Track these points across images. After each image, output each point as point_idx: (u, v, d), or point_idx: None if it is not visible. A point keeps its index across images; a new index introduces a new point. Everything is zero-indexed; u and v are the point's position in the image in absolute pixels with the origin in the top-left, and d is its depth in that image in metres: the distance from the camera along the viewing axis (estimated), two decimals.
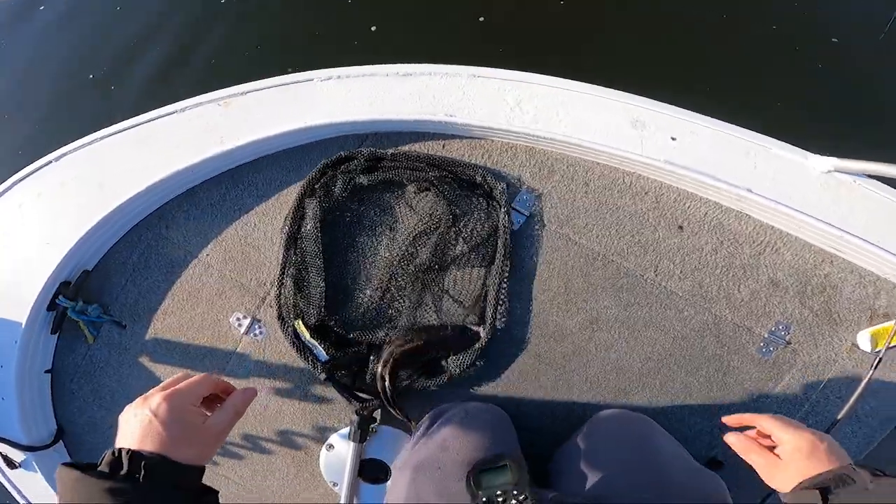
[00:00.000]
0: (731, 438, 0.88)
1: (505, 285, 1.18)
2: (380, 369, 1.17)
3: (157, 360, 1.34)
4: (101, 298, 1.32)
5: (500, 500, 0.85)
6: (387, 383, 1.15)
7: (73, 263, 1.26)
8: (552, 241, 1.19)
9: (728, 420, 0.93)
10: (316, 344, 1.20)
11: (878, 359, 1.02)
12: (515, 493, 0.85)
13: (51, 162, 1.23)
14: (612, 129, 1.10)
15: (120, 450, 0.64)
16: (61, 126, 2.83)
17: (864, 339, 1.11)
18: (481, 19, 2.50)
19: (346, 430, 1.22)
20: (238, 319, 1.29)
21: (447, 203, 1.17)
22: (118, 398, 1.38)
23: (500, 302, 1.19)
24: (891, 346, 1.03)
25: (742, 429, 0.89)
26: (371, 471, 1.25)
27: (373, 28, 2.60)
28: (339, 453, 1.24)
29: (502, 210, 1.16)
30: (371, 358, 1.23)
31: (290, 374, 1.30)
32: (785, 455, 0.79)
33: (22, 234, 1.24)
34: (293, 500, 1.37)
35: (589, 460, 1.00)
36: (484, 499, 0.86)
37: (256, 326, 1.29)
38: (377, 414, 1.23)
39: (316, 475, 1.33)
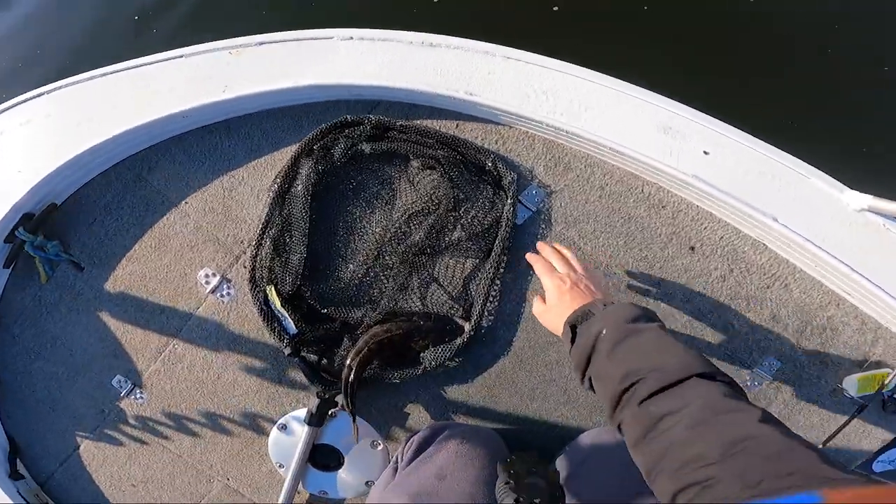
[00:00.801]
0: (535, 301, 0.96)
1: (498, 282, 1.11)
2: (349, 358, 1.07)
3: (110, 310, 1.24)
4: (63, 236, 1.22)
5: None
6: (352, 374, 1.06)
7: (41, 195, 1.17)
8: (556, 242, 1.12)
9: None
10: (286, 314, 1.11)
11: (862, 404, 0.99)
12: None
13: (43, 94, 1.16)
14: (642, 134, 1.03)
15: None
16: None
17: (850, 384, 1.07)
18: (555, 8, 2.36)
19: (302, 413, 1.12)
20: (206, 276, 1.19)
21: (451, 185, 1.09)
22: (58, 347, 1.27)
23: (491, 299, 1.11)
24: (882, 390, 0.99)
25: None
26: (322, 457, 1.15)
27: None
28: (291, 435, 1.14)
29: (508, 201, 1.08)
30: (344, 339, 1.14)
31: (252, 344, 1.20)
32: (546, 299, 0.91)
33: None
34: (232, 477, 1.27)
35: (595, 485, 0.95)
36: None
37: (225, 286, 1.19)
38: (339, 398, 1.13)
39: (262, 454, 1.22)
